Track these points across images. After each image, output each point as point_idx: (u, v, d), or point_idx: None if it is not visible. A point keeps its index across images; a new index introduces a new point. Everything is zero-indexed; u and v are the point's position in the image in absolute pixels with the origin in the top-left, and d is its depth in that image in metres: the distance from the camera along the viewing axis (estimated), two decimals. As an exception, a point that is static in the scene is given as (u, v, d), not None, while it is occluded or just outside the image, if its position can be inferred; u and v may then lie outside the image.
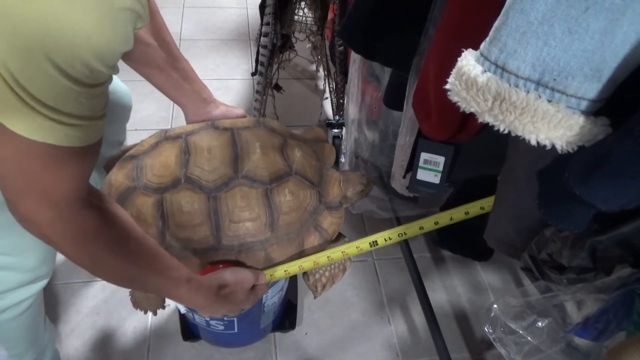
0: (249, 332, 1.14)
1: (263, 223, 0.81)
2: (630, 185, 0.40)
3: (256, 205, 0.80)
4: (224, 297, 0.78)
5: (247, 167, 0.82)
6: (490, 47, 0.43)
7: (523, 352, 0.56)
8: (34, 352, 0.99)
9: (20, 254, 0.79)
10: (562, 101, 0.42)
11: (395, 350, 1.25)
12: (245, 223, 0.80)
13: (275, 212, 0.82)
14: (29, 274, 0.83)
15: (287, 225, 0.83)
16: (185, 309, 1.00)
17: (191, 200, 0.79)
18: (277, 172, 0.83)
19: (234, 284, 0.78)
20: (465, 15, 0.59)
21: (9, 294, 0.83)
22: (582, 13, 0.38)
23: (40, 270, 0.84)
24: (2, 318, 0.86)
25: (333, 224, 0.89)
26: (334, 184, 0.89)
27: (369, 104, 1.11)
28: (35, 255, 0.81)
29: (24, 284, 0.83)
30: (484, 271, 1.44)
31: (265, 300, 1.01)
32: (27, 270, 0.82)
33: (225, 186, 0.80)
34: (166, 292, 0.71)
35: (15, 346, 0.95)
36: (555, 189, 0.49)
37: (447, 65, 0.48)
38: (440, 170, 0.77)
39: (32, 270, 0.82)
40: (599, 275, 0.51)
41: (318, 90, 1.98)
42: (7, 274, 0.80)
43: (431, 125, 0.71)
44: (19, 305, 0.86)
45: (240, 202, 0.80)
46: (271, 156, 0.83)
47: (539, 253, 0.56)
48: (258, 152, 0.82)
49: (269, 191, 0.81)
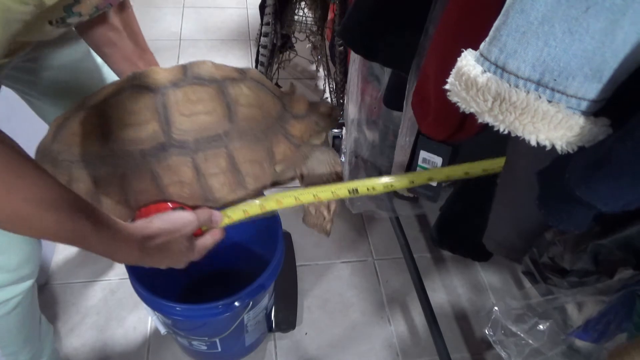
0: (235, 350, 1.14)
1: (220, 115, 0.70)
2: (631, 186, 0.40)
3: (209, 100, 0.70)
4: (155, 249, 0.64)
5: (197, 72, 0.72)
6: (490, 47, 0.42)
7: (524, 355, 0.55)
8: (29, 351, 0.98)
9: (1, 254, 0.79)
10: (562, 101, 0.41)
11: (395, 350, 1.25)
12: (199, 116, 0.70)
13: (233, 104, 0.72)
14: (11, 274, 0.82)
15: (249, 120, 0.72)
16: (165, 330, 1.00)
17: (136, 99, 0.69)
18: (230, 76, 0.73)
19: (166, 232, 0.64)
20: (464, 15, 0.58)
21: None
22: (582, 13, 0.38)
23: (23, 270, 0.83)
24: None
25: (304, 132, 0.79)
26: (299, 99, 0.81)
27: (368, 104, 1.11)
28: (17, 255, 0.80)
29: (7, 283, 0.83)
30: (484, 271, 1.44)
31: (247, 321, 1.00)
32: (10, 270, 0.81)
33: (174, 86, 0.70)
34: (69, 239, 0.55)
35: (8, 345, 0.95)
36: (556, 190, 0.48)
37: (446, 65, 0.48)
38: (437, 172, 0.77)
39: (15, 270, 0.82)
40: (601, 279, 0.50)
41: (318, 90, 1.98)
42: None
43: (430, 124, 0.71)
44: (5, 304, 0.85)
45: (192, 96, 0.70)
46: (223, 67, 0.74)
47: (541, 256, 0.55)
48: (209, 63, 0.73)
49: (223, 87, 0.72)
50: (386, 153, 1.15)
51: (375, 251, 1.48)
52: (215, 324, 0.97)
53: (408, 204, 1.31)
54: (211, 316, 0.90)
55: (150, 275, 1.07)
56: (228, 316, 0.91)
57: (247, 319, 0.99)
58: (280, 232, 1.00)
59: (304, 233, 1.50)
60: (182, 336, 1.03)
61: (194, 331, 1.01)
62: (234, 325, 0.96)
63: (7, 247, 0.78)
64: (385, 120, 1.10)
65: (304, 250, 1.46)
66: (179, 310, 0.88)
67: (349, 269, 1.42)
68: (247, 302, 0.91)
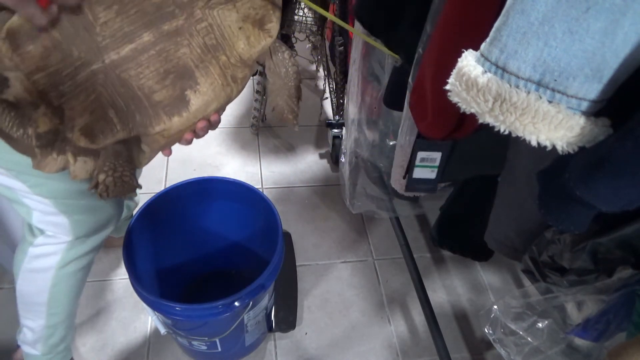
0: (235, 350, 1.14)
1: None
2: (631, 186, 0.40)
3: None
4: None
5: None
6: (491, 48, 0.43)
7: (523, 353, 0.55)
8: (65, 327, 1.00)
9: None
10: (562, 102, 0.41)
11: (395, 350, 1.25)
12: None
13: None
14: (111, 213, 0.89)
15: None
16: (165, 330, 1.00)
17: None
18: None
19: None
20: (462, 15, 0.58)
21: (91, 238, 0.89)
22: (582, 13, 0.38)
23: (116, 210, 0.90)
24: (65, 272, 0.90)
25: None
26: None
27: (368, 104, 1.11)
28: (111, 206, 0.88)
29: (103, 225, 0.89)
30: (484, 271, 1.44)
31: (247, 321, 1.00)
32: (109, 212, 0.88)
33: None
34: None
35: (56, 313, 0.96)
36: (556, 190, 0.49)
37: (444, 65, 0.48)
38: (436, 166, 0.77)
39: (112, 211, 0.89)
40: (600, 277, 0.50)
41: (318, 90, 1.98)
42: (89, 217, 0.86)
43: (428, 124, 0.71)
44: (86, 255, 0.91)
45: None
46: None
47: (540, 255, 0.56)
48: None
49: None
50: (386, 153, 1.15)
51: (375, 251, 1.48)
52: (215, 324, 0.97)
53: (408, 204, 1.31)
54: (211, 316, 0.90)
55: (151, 275, 1.08)
56: (228, 316, 0.91)
57: (247, 319, 0.99)
58: (280, 232, 1.00)
59: (304, 233, 1.50)
60: (182, 336, 1.03)
61: (194, 331, 1.01)
62: (234, 325, 0.96)
63: None
64: (385, 120, 1.10)
65: (304, 250, 1.46)
66: (179, 310, 0.88)
67: (349, 269, 1.42)
68: (247, 302, 0.91)
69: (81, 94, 0.58)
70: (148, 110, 0.60)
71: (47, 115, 0.57)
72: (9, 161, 0.72)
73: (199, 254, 1.22)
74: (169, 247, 1.13)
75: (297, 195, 1.62)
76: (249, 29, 0.64)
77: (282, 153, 1.77)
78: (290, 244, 1.44)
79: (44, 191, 0.78)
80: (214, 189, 1.11)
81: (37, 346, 0.99)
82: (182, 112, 0.61)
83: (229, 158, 1.73)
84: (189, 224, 1.14)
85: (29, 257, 0.89)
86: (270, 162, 1.73)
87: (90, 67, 0.58)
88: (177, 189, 1.07)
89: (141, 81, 0.60)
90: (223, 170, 1.68)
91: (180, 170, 1.64)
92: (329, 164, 1.74)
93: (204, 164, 1.68)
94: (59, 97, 0.57)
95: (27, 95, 0.56)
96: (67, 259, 0.89)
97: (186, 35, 0.61)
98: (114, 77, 0.59)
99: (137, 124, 0.60)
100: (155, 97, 0.60)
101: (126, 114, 0.60)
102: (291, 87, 0.75)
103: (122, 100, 0.59)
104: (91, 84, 0.58)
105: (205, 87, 0.62)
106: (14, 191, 0.78)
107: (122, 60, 0.59)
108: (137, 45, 0.59)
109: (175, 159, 1.66)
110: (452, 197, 1.22)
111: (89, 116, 0.58)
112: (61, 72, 0.57)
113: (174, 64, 0.60)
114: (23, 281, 0.92)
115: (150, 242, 1.05)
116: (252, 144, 1.80)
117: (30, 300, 0.94)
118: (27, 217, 0.84)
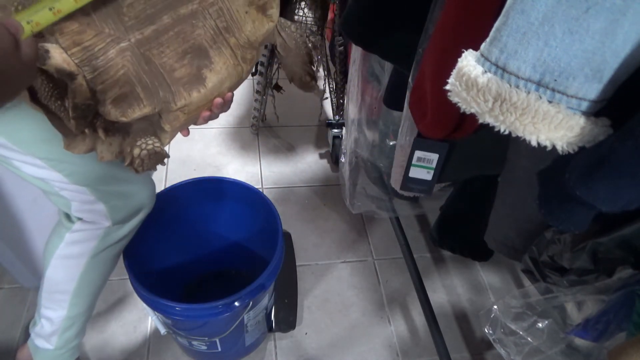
0: (235, 350, 1.14)
1: None
2: (631, 186, 0.40)
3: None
4: None
5: None
6: (491, 48, 0.43)
7: (523, 353, 0.55)
8: (82, 321, 0.99)
9: (138, 183, 0.86)
10: (562, 102, 0.41)
11: (395, 350, 1.25)
12: None
13: None
14: (144, 198, 0.89)
15: None
16: (165, 330, 1.00)
17: None
18: None
19: None
20: (462, 16, 0.58)
21: (127, 224, 0.89)
22: (582, 13, 0.38)
23: (149, 194, 0.91)
24: (98, 259, 0.90)
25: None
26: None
27: (368, 104, 1.11)
28: (146, 181, 0.89)
29: (138, 209, 0.90)
30: (484, 271, 1.44)
31: (247, 321, 1.00)
32: (142, 197, 0.89)
33: None
34: None
35: (78, 304, 0.95)
36: (556, 190, 0.49)
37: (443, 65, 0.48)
38: (433, 168, 0.77)
39: (145, 195, 0.89)
40: (600, 277, 0.50)
41: (318, 90, 1.98)
42: (125, 202, 0.86)
43: (428, 124, 0.71)
44: (120, 242, 0.91)
45: None
46: None
47: (540, 255, 0.56)
48: None
49: None
50: (386, 153, 1.15)
51: (375, 251, 1.48)
52: (215, 324, 0.97)
53: (408, 204, 1.31)
54: (211, 316, 0.90)
55: (151, 275, 1.08)
56: (228, 316, 0.91)
57: (247, 319, 0.99)
58: (280, 232, 1.00)
59: (304, 233, 1.50)
60: (182, 336, 1.03)
61: (194, 331, 1.01)
62: (234, 325, 0.96)
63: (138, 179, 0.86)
64: (385, 120, 1.10)
65: (304, 250, 1.46)
66: (179, 310, 0.88)
67: (349, 269, 1.42)
68: (247, 302, 0.91)
69: (111, 68, 0.62)
70: (170, 87, 0.64)
71: (83, 86, 0.60)
72: (47, 151, 0.74)
73: (199, 254, 1.22)
74: (169, 247, 1.13)
75: (297, 195, 1.62)
76: (253, 14, 0.69)
77: (282, 153, 1.77)
78: (290, 244, 1.44)
79: (80, 179, 0.79)
80: (214, 189, 1.11)
81: (52, 339, 0.98)
82: (200, 89, 0.66)
83: (229, 158, 1.73)
84: (189, 224, 1.14)
85: (66, 242, 0.88)
86: (270, 162, 1.73)
87: (119, 44, 0.62)
88: (177, 189, 1.07)
89: (163, 59, 0.64)
90: (223, 170, 1.68)
91: (180, 170, 1.64)
92: (329, 164, 1.74)
93: (204, 164, 1.68)
94: (92, 71, 0.61)
95: (65, 67, 0.59)
96: (102, 245, 0.89)
97: (200, 18, 0.65)
98: (139, 55, 0.63)
99: (160, 100, 0.64)
100: (176, 75, 0.64)
101: (151, 90, 0.64)
102: (304, 55, 0.83)
103: (147, 77, 0.63)
104: (120, 60, 0.62)
105: (219, 65, 0.67)
106: (50, 184, 0.79)
107: (145, 40, 0.63)
108: (158, 26, 0.64)
109: (175, 159, 1.66)
110: (452, 197, 1.22)
111: (118, 90, 0.62)
112: (94, 47, 0.61)
113: (190, 44, 0.65)
114: (54, 268, 0.91)
115: (150, 242, 1.05)
116: (252, 144, 1.80)
117: (57, 289, 0.93)
118: (65, 208, 0.84)
